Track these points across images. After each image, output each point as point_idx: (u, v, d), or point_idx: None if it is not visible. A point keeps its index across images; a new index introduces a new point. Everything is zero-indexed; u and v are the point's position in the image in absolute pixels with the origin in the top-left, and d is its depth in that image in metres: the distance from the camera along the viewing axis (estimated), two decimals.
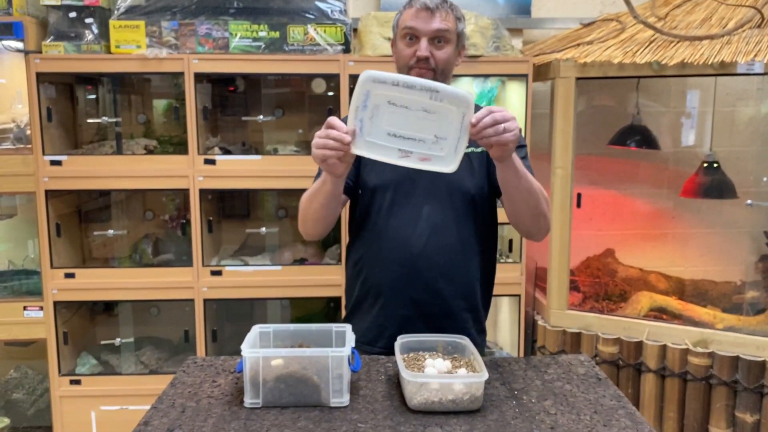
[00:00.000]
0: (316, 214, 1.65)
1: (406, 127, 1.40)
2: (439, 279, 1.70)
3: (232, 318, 2.96)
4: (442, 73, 1.66)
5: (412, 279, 1.69)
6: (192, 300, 2.64)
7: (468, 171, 1.69)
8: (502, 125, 1.38)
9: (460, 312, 1.73)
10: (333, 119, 1.42)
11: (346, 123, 1.44)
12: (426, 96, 1.38)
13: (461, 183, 1.68)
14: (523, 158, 1.71)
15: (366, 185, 1.71)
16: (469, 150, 1.69)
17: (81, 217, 2.89)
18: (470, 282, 1.75)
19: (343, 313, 1.90)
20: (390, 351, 1.67)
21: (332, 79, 2.65)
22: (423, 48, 1.63)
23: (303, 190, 1.79)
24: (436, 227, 1.68)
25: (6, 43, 2.48)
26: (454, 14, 1.66)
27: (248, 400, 1.38)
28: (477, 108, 1.42)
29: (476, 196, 1.70)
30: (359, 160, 1.72)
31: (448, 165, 1.42)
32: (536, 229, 1.67)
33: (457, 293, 1.72)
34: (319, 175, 1.71)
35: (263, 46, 2.55)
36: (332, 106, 2.64)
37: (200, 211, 2.60)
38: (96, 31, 2.54)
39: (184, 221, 2.71)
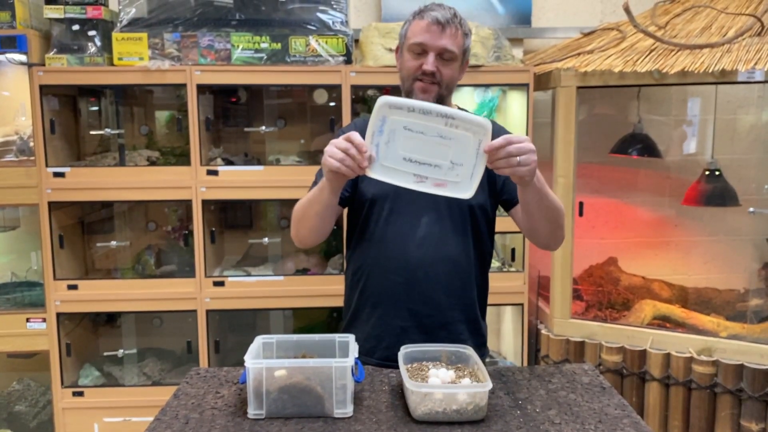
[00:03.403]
0: (310, 222, 1.66)
1: (422, 153, 1.41)
2: (437, 289, 1.70)
3: (235, 329, 2.96)
4: (446, 88, 1.67)
5: (409, 289, 1.69)
6: (195, 311, 2.64)
7: None
8: (517, 158, 1.37)
9: (456, 323, 1.72)
10: (355, 135, 1.41)
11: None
12: (441, 122, 1.38)
13: None
14: None
15: (364, 195, 1.71)
16: None
17: (84, 228, 2.90)
18: (468, 293, 1.74)
19: (344, 325, 1.89)
20: (387, 361, 1.67)
21: (334, 90, 2.66)
22: (430, 63, 1.62)
23: None
24: (434, 237, 1.68)
25: (9, 56, 2.50)
26: (462, 30, 1.65)
27: (252, 411, 1.38)
28: (500, 131, 1.45)
29: (476, 207, 1.70)
30: None
31: (465, 191, 1.43)
32: (553, 241, 1.68)
33: (454, 304, 1.71)
34: (315, 184, 1.71)
35: (265, 57, 2.57)
36: (334, 117, 2.64)
37: (203, 221, 2.60)
38: (99, 43, 2.56)
39: (187, 232, 2.71)
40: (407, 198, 1.68)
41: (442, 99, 1.68)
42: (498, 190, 1.72)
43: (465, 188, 1.42)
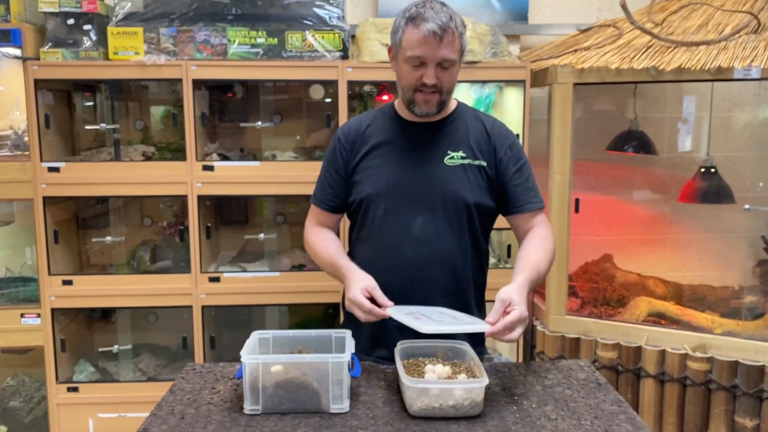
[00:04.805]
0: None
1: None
2: (433, 289, 1.69)
3: (231, 324, 2.95)
4: (447, 93, 1.66)
5: (405, 289, 1.68)
6: (190, 307, 2.64)
7: (464, 180, 1.69)
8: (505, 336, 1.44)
9: None
10: (370, 308, 1.53)
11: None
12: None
13: (456, 193, 1.68)
14: (527, 176, 1.72)
15: (360, 194, 1.71)
16: (467, 162, 1.70)
17: (79, 223, 2.88)
18: (464, 292, 1.74)
19: (341, 321, 1.89)
20: (384, 361, 1.67)
21: (330, 86, 2.65)
22: (431, 75, 1.59)
23: (301, 196, 1.80)
24: (430, 237, 1.67)
25: (4, 50, 2.48)
26: (458, 31, 1.59)
27: (248, 407, 1.37)
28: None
29: (472, 205, 1.69)
30: (351, 173, 1.73)
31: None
32: None
33: (451, 304, 1.71)
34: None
35: (261, 52, 2.56)
36: (330, 112, 2.64)
37: (198, 217, 2.60)
38: (94, 37, 2.54)
39: (182, 228, 2.70)
40: (402, 197, 1.68)
41: (444, 103, 1.68)
42: (502, 188, 1.72)
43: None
